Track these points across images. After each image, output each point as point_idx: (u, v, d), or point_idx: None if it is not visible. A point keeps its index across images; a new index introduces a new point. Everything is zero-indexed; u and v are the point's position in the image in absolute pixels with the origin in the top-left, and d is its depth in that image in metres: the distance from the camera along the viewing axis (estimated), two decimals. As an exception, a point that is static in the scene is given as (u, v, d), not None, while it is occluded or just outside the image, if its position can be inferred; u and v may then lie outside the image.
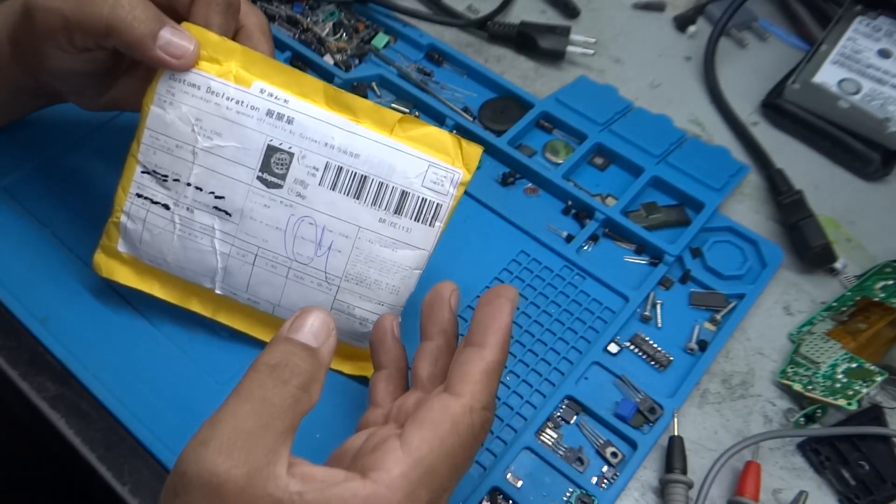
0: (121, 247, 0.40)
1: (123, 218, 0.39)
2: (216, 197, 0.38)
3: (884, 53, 0.54)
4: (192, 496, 0.26)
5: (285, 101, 0.37)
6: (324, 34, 0.56)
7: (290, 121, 0.37)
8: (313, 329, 0.31)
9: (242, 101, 0.37)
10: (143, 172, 0.38)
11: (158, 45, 0.36)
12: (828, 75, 0.53)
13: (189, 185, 0.38)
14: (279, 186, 0.38)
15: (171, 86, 0.37)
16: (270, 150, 0.37)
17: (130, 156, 0.39)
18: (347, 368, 0.41)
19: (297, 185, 0.38)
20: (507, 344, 0.32)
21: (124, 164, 0.39)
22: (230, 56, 0.38)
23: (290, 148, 0.37)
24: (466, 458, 0.30)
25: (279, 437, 0.28)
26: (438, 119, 0.53)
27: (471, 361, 0.31)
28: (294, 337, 0.30)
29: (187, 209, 0.38)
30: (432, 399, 0.30)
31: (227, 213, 0.38)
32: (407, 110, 0.53)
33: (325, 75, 0.54)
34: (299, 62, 0.55)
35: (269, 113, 0.37)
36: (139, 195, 0.39)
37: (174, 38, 0.36)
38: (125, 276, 0.41)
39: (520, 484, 0.39)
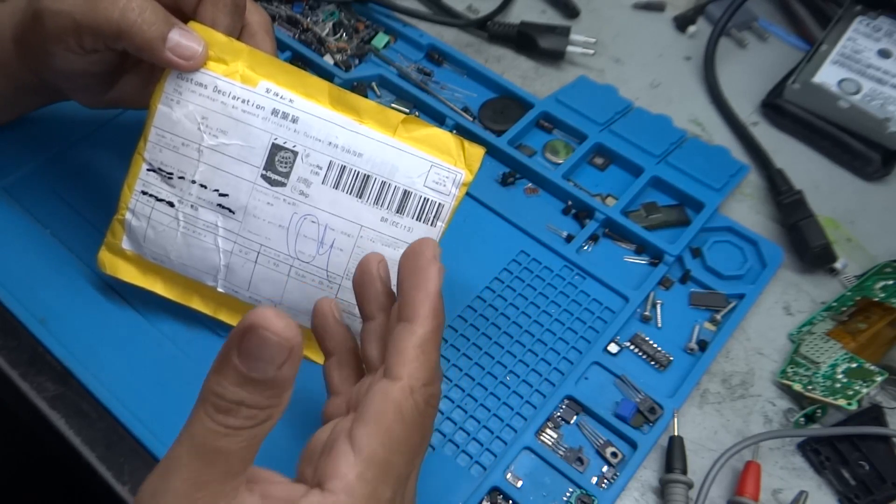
0: (125, 244, 0.40)
1: (128, 215, 0.40)
2: (220, 194, 0.38)
3: (884, 53, 0.54)
4: None
5: (291, 100, 0.38)
6: (324, 34, 0.56)
7: (294, 120, 0.38)
8: (268, 355, 0.25)
9: (248, 100, 0.38)
10: (148, 170, 0.39)
11: (168, 47, 0.36)
12: (828, 75, 0.53)
13: (194, 182, 0.38)
14: (283, 184, 0.38)
15: (178, 85, 0.38)
16: (275, 149, 0.38)
17: (137, 153, 0.39)
18: None
19: (300, 183, 0.38)
20: (438, 310, 0.31)
21: (130, 162, 0.39)
22: (237, 56, 0.38)
23: (294, 146, 0.38)
24: (420, 438, 0.30)
25: (236, 475, 0.27)
26: (438, 119, 0.53)
27: (403, 339, 0.30)
28: (244, 371, 0.25)
29: (191, 206, 0.39)
30: (372, 388, 0.29)
31: (230, 210, 0.38)
32: (407, 110, 0.53)
33: (325, 75, 0.54)
34: (299, 62, 0.55)
35: (275, 112, 0.38)
36: (144, 192, 0.39)
37: (183, 39, 0.37)
38: (129, 274, 0.41)
39: (520, 484, 0.39)
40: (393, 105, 0.53)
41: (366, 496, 0.27)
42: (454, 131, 0.52)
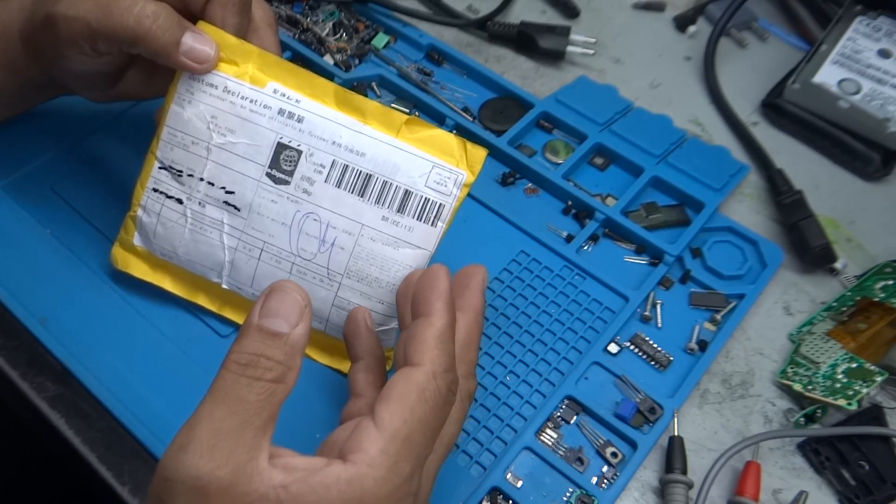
0: (136, 240, 0.41)
1: (140, 212, 0.40)
2: (227, 192, 0.39)
3: (884, 53, 0.54)
4: (178, 501, 0.27)
5: (297, 101, 0.38)
6: (324, 34, 0.56)
7: (300, 119, 0.38)
8: (283, 312, 0.30)
9: (256, 100, 0.38)
10: (160, 168, 0.40)
11: (181, 51, 0.37)
12: (828, 75, 0.53)
13: (202, 180, 0.39)
14: (287, 183, 0.38)
15: (190, 86, 0.39)
16: (280, 148, 0.38)
17: (150, 152, 0.40)
18: (336, 363, 0.42)
19: (303, 181, 0.38)
20: (451, 306, 0.32)
21: (144, 161, 0.40)
22: (247, 58, 0.39)
23: (298, 145, 0.38)
24: (440, 421, 0.31)
25: (258, 431, 0.28)
26: (438, 119, 0.53)
27: (422, 332, 0.31)
28: (264, 324, 0.29)
29: (199, 203, 0.39)
30: (396, 375, 0.31)
31: (236, 207, 0.39)
32: (407, 110, 0.53)
33: (325, 75, 0.53)
34: (299, 62, 0.55)
35: (281, 112, 0.38)
36: (155, 190, 0.40)
37: (196, 44, 0.37)
38: (139, 270, 0.42)
39: (520, 484, 0.39)
40: (393, 105, 0.53)
41: (387, 468, 0.28)
42: (454, 131, 0.52)
